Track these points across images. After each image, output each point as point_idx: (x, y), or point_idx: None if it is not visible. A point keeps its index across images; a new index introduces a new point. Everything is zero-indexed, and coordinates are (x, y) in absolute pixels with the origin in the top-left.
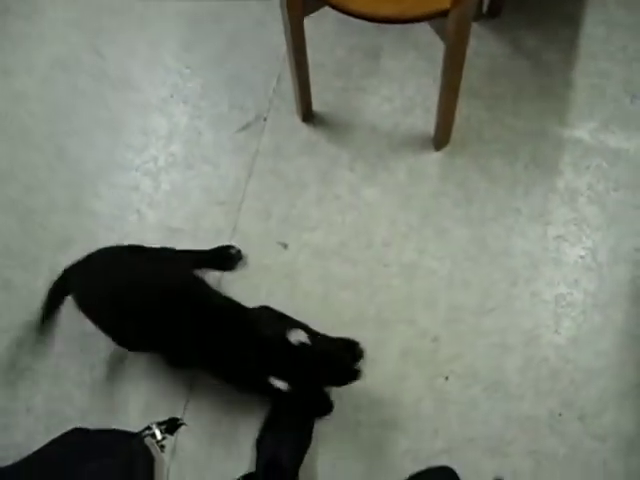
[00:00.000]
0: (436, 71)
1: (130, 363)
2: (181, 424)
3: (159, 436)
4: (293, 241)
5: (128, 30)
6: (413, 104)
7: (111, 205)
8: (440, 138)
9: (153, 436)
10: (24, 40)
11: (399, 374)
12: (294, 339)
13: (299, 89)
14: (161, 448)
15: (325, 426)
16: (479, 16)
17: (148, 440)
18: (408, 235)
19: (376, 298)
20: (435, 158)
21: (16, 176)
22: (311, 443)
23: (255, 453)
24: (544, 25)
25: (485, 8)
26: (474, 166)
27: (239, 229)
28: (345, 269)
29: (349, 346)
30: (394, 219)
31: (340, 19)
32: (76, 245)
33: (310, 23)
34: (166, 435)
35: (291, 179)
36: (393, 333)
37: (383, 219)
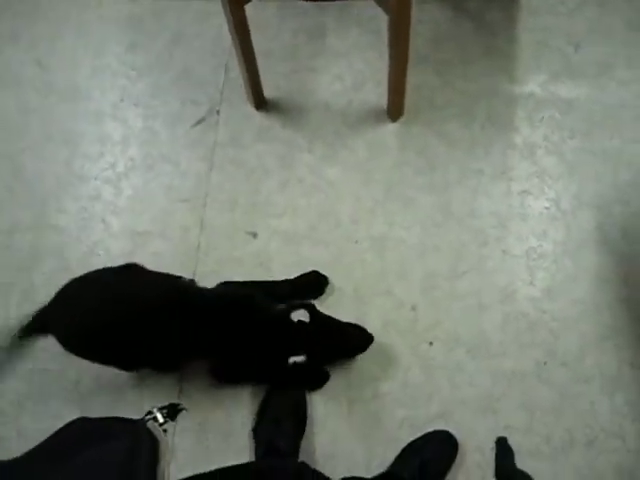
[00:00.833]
0: (382, 43)
1: (115, 375)
2: (181, 409)
3: (161, 419)
4: (262, 229)
5: (67, 38)
6: (363, 79)
7: (75, 217)
8: (394, 109)
9: (155, 420)
10: None
11: (384, 346)
12: (295, 318)
13: (248, 78)
14: (164, 432)
15: (320, 408)
16: None
17: (150, 423)
18: (374, 209)
19: (351, 275)
20: (392, 129)
21: None
22: (306, 426)
23: (253, 442)
24: None
25: None
26: (431, 133)
27: (206, 223)
28: (317, 251)
29: None
30: (359, 195)
31: (280, 3)
32: (45, 262)
33: (252, 10)
34: (167, 419)
35: (252, 167)
36: (372, 307)
37: (348, 197)
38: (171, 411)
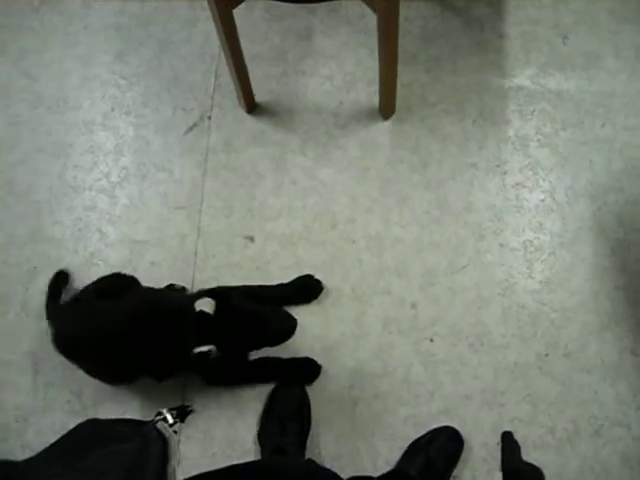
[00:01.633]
0: (371, 42)
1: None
2: (190, 411)
3: (170, 420)
4: (258, 233)
5: (54, 49)
6: (354, 79)
7: (71, 228)
8: (386, 107)
9: (165, 420)
10: None
11: (385, 345)
12: (198, 308)
13: (239, 82)
14: (174, 433)
15: (324, 408)
16: None
17: (160, 424)
18: (370, 208)
19: (350, 275)
20: (384, 128)
21: None
22: (311, 426)
23: (259, 446)
24: None
25: None
26: (424, 130)
27: (203, 230)
28: (314, 252)
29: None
30: (354, 195)
31: (268, 6)
32: (43, 275)
33: (239, 15)
34: (177, 420)
35: (246, 172)
36: (372, 307)
37: (343, 197)
38: (181, 412)
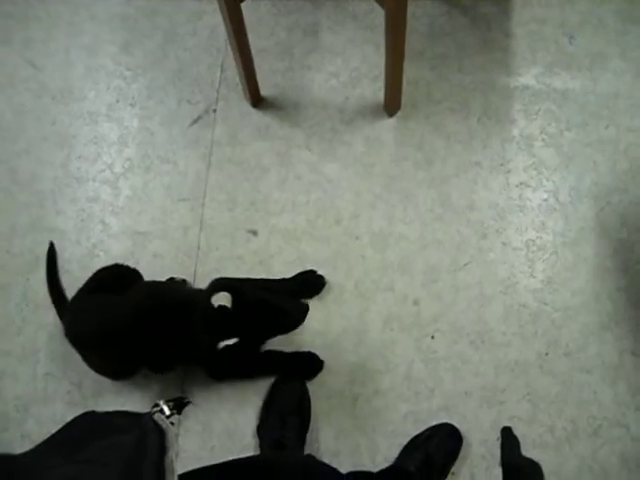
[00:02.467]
0: (377, 38)
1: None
2: (187, 402)
3: (167, 412)
4: (262, 227)
5: (60, 38)
6: (360, 74)
7: (74, 219)
8: (391, 104)
9: (162, 412)
10: None
11: (386, 341)
12: (216, 304)
13: (245, 75)
14: (171, 424)
15: (323, 404)
16: None
17: (157, 416)
18: (374, 204)
19: (352, 271)
20: (389, 124)
21: None
22: (311, 422)
23: (258, 440)
24: None
25: None
26: (429, 127)
27: (206, 223)
28: (317, 247)
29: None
30: (358, 190)
31: (275, 1)
32: (44, 265)
33: (246, 9)
34: (174, 412)
35: (250, 165)
36: (374, 303)
37: (347, 192)
38: (178, 404)
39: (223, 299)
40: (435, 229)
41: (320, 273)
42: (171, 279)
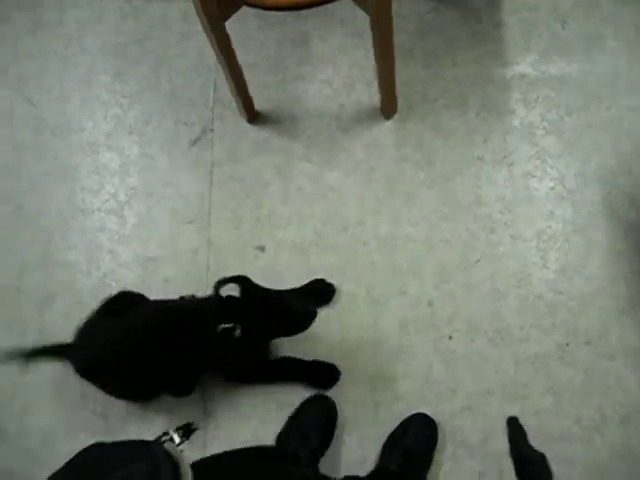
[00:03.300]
0: (366, 43)
1: (141, 405)
2: (194, 429)
3: (177, 440)
4: (269, 242)
5: (53, 73)
6: (353, 81)
7: (82, 251)
8: (387, 107)
9: (172, 440)
10: None
11: (404, 346)
12: (224, 294)
13: (237, 92)
14: (181, 452)
15: (346, 414)
16: None
17: (168, 445)
18: (379, 209)
19: (363, 278)
20: (387, 128)
21: None
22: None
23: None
24: None
25: None
26: (427, 126)
27: (213, 243)
28: (326, 257)
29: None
30: (362, 197)
31: (261, 15)
32: (58, 299)
33: (233, 26)
34: (184, 439)
35: (252, 181)
36: (388, 308)
37: (351, 200)
38: (186, 431)
39: (231, 290)
40: (442, 228)
41: (330, 282)
42: (181, 298)
